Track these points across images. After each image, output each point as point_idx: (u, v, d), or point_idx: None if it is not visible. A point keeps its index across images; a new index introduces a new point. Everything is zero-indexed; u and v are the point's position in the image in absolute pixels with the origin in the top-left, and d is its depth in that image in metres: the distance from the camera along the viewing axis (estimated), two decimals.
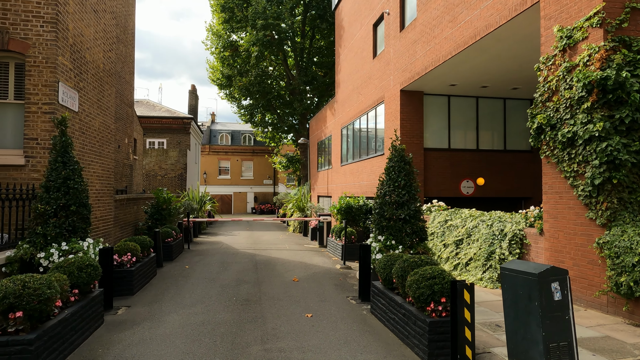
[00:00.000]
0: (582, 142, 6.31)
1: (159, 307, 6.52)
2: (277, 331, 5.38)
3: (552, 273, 4.04)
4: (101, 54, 10.27)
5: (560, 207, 6.94)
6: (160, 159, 25.56)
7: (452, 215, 10.29)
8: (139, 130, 20.65)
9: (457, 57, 10.34)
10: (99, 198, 10.15)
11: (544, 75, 7.21)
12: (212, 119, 46.77)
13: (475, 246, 8.75)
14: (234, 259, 11.42)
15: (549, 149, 7.03)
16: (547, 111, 7.01)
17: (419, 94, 13.69)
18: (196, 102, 32.70)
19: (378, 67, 15.66)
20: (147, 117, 27.07)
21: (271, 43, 28.57)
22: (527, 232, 7.71)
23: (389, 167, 7.70)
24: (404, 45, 13.30)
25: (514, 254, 7.79)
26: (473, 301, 3.94)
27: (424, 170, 13.84)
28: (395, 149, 7.83)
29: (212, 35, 32.12)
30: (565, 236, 6.82)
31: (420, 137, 13.72)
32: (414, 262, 5.35)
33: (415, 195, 7.57)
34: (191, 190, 20.20)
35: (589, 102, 6.20)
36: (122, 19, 16.46)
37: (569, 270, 6.46)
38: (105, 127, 10.55)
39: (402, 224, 7.37)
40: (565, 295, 4.06)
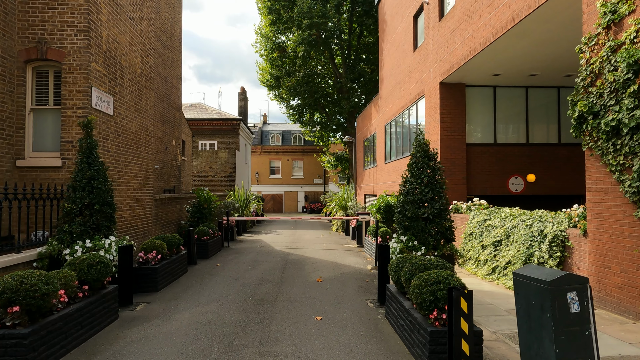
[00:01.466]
0: (628, 131, 5.53)
1: (175, 305, 6.62)
2: (280, 334, 5.22)
3: (568, 281, 3.51)
4: (138, 60, 10.71)
5: (605, 206, 6.14)
6: (211, 159, 26.46)
7: (491, 214, 9.56)
8: (187, 133, 21.48)
9: (497, 43, 9.59)
10: (137, 197, 10.59)
11: (586, 58, 6.43)
12: (264, 120, 47.78)
13: (514, 248, 8.04)
14: (266, 258, 11.44)
15: (592, 140, 6.25)
16: (590, 97, 6.23)
17: (460, 86, 12.93)
18: (245, 103, 33.52)
19: (418, 59, 15.03)
20: (199, 120, 28.15)
21: (317, 42, 28.56)
22: (570, 234, 6.92)
23: (412, 164, 7.25)
24: (442, 35, 12.62)
25: (554, 258, 7.04)
26: (471, 310, 3.51)
27: (467, 166, 13.06)
28: (418, 144, 7.37)
29: (260, 38, 32.77)
30: (611, 238, 6.01)
31: (462, 131, 12.95)
32: (423, 265, 4.94)
33: (441, 193, 7.07)
34: (237, 190, 20.66)
35: (636, 85, 5.40)
36: (168, 26, 17.16)
37: (617, 277, 5.70)
38: (143, 129, 10.99)
39: (426, 224, 6.90)
40: (585, 308, 3.51)
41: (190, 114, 28.96)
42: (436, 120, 13.10)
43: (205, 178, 26.38)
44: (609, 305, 6.06)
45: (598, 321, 5.70)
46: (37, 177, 8.10)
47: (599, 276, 6.26)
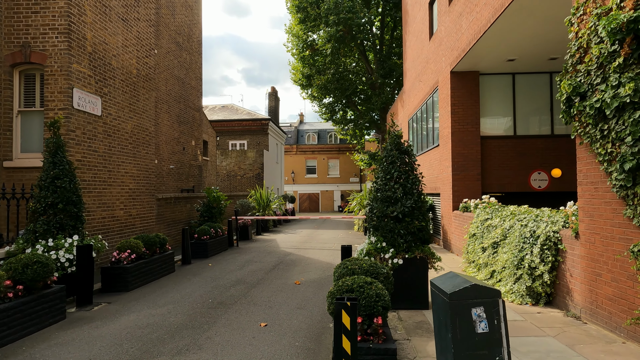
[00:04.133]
0: (612, 113, 4.63)
1: (132, 306, 6.49)
2: (208, 341, 4.88)
3: (472, 294, 2.88)
4: (134, 61, 10.82)
5: (596, 203, 5.23)
6: (239, 159, 26.74)
7: (493, 213, 8.67)
8: (210, 133, 21.77)
9: (500, 23, 8.66)
10: (134, 197, 10.71)
11: (574, 31, 5.53)
12: (301, 120, 47.81)
13: (507, 251, 7.18)
14: (262, 258, 11.18)
15: (581, 126, 5.35)
16: (578, 76, 5.34)
17: (473, 75, 11.94)
18: (276, 103, 33.62)
19: (433, 48, 14.14)
20: (229, 121, 28.56)
21: (345, 38, 28.03)
22: (564, 235, 6.01)
23: (382, 158, 6.63)
24: (452, 20, 11.72)
25: (546, 263, 6.15)
26: (354, 326, 2.96)
27: (482, 161, 12.05)
28: (390, 136, 6.73)
29: (291, 37, 32.72)
30: (602, 241, 5.11)
31: (476, 123, 11.96)
32: (352, 270, 4.39)
33: (414, 190, 6.39)
34: (258, 189, 20.64)
35: (621, 58, 4.51)
36: (185, 28, 17.43)
37: (607, 287, 4.83)
38: (141, 129, 11.10)
39: (394, 224, 6.27)
40: (495, 327, 2.86)
41: (221, 115, 29.49)
42: (447, 112, 12.20)
43: (235, 178, 26.72)
44: (600, 319, 5.15)
45: (582, 338, 4.85)
46: (23, 177, 8.34)
47: (590, 285, 5.35)
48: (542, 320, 5.56)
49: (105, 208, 9.45)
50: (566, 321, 5.51)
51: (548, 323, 5.45)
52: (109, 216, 9.58)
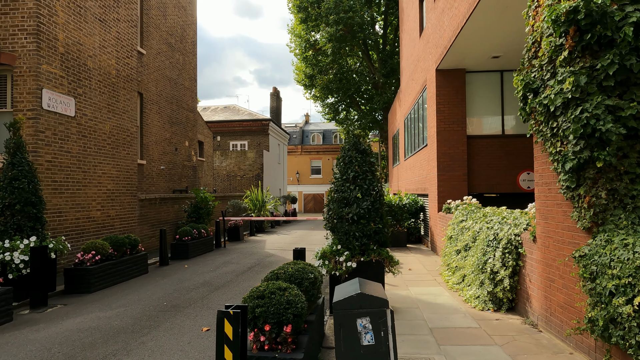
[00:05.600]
0: (559, 110, 4.37)
1: (87, 308, 6.43)
2: (141, 346, 4.76)
3: (357, 304, 2.69)
4: (113, 61, 10.82)
5: (549, 204, 4.96)
6: (239, 160, 26.74)
7: (468, 214, 8.39)
8: (206, 134, 21.78)
9: (476, 17, 8.36)
10: (113, 198, 10.69)
11: (531, 24, 5.25)
12: (306, 120, 47.70)
13: (474, 254, 6.92)
14: (241, 260, 11.07)
15: (536, 123, 5.08)
16: (532, 71, 5.07)
17: (459, 73, 11.64)
18: (278, 104, 33.55)
19: (422, 46, 13.87)
20: (230, 121, 28.60)
21: (345, 37, 27.81)
22: (524, 238, 5.73)
23: (339, 158, 6.43)
24: (436, 16, 11.45)
25: (507, 267, 5.88)
26: (237, 336, 2.79)
27: (468, 161, 11.73)
28: (349, 136, 6.53)
29: (293, 37, 32.64)
30: (554, 245, 4.84)
31: (462, 123, 11.64)
32: (275, 275, 4.22)
33: (372, 191, 6.18)
34: (253, 190, 20.58)
35: (566, 51, 4.25)
36: (178, 29, 17.45)
37: (559, 293, 4.58)
38: (121, 130, 11.09)
39: (350, 226, 6.07)
40: (381, 339, 2.66)
41: (222, 116, 29.56)
42: (433, 110, 11.92)
43: (234, 178, 26.73)
44: (554, 327, 4.87)
45: (530, 348, 4.59)
46: None
47: (545, 291, 5.07)
48: (497, 328, 5.30)
49: (80, 209, 9.44)
50: (522, 329, 5.25)
51: (502, 331, 5.19)
52: (84, 217, 9.57)
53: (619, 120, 3.84)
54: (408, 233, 14.39)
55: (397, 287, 7.84)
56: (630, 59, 3.77)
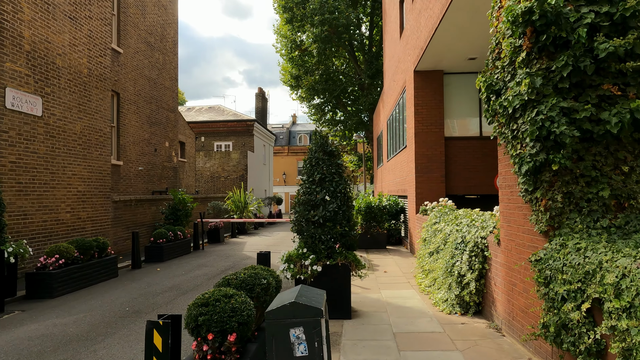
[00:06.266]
0: (518, 112, 4.32)
1: (45, 314, 6.23)
2: (92, 355, 4.60)
3: (291, 313, 2.58)
4: (85, 60, 10.58)
5: (512, 207, 4.91)
6: (223, 161, 26.49)
7: (441, 216, 8.34)
8: (188, 134, 21.52)
9: (449, 19, 8.34)
10: (85, 200, 10.45)
11: (494, 25, 5.21)
12: (293, 121, 47.54)
13: (443, 257, 6.86)
14: (216, 263, 10.90)
15: (499, 125, 5.02)
16: (495, 73, 5.02)
17: (437, 74, 11.62)
18: (264, 104, 33.35)
19: (402, 48, 13.84)
20: (214, 122, 28.34)
21: (330, 38, 27.74)
22: (490, 241, 5.68)
23: (306, 160, 6.32)
24: (414, 17, 11.42)
25: (474, 270, 5.83)
26: (166, 347, 2.66)
27: (446, 163, 11.71)
28: (316, 136, 6.42)
29: (279, 37, 32.48)
30: (516, 248, 4.78)
31: (440, 124, 11.62)
32: (227, 281, 4.09)
33: (338, 194, 6.08)
34: (235, 191, 20.37)
35: (524, 52, 4.19)
36: (158, 28, 17.20)
37: (520, 297, 4.53)
38: (93, 130, 10.85)
39: (316, 229, 5.96)
40: (316, 350, 2.56)
41: (206, 116, 29.28)
42: (412, 112, 11.89)
43: (218, 179, 26.48)
44: (515, 332, 4.82)
45: (490, 353, 4.53)
46: None
47: (508, 295, 5.02)
48: (461, 333, 5.23)
49: (48, 211, 9.19)
50: (486, 333, 5.19)
51: (466, 335, 5.12)
52: (52, 219, 9.32)
53: (574, 123, 3.79)
54: (388, 235, 14.34)
55: (369, 290, 7.75)
56: (584, 61, 3.72)
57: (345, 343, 4.93)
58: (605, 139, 3.80)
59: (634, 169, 3.79)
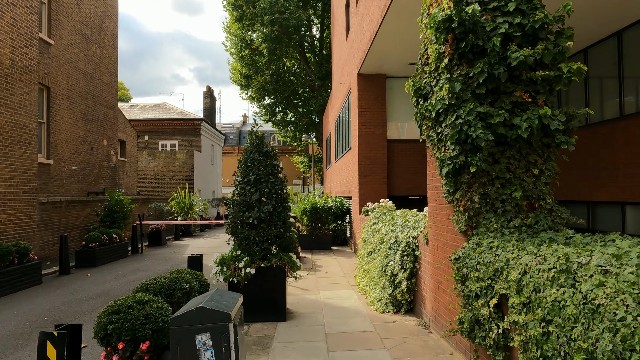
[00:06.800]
0: (441, 115, 4.47)
1: None
2: None
3: (197, 319, 2.48)
4: (7, 50, 9.80)
5: (438, 207, 5.08)
6: (168, 161, 25.58)
7: (380, 217, 8.50)
8: (129, 132, 20.59)
9: (388, 24, 8.52)
10: (5, 201, 9.67)
11: (423, 32, 5.36)
12: (244, 121, 46.86)
13: (378, 257, 6.99)
14: (154, 267, 10.48)
15: (427, 129, 5.18)
16: (423, 78, 5.17)
17: (380, 78, 11.86)
18: (212, 103, 32.61)
19: (348, 50, 14.02)
20: (159, 120, 27.32)
21: (281, 39, 27.61)
22: (420, 241, 5.85)
23: (241, 160, 6.22)
24: (358, 21, 11.60)
25: (406, 269, 5.97)
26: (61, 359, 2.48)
27: (388, 165, 11.98)
28: (252, 137, 6.33)
29: (229, 35, 31.89)
30: (442, 247, 4.95)
31: (383, 127, 11.87)
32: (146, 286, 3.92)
33: (274, 195, 6.02)
34: (180, 192, 19.72)
35: (447, 59, 4.35)
36: (95, 20, 16.30)
37: (445, 295, 4.66)
38: (16, 126, 10.06)
39: (250, 230, 5.86)
40: (223, 355, 2.47)
41: (151, 114, 28.18)
42: (356, 114, 12.06)
43: (163, 180, 25.52)
44: (441, 328, 4.99)
45: (416, 350, 4.65)
46: None
47: (435, 292, 5.19)
48: (391, 331, 5.34)
49: None
50: (414, 331, 5.33)
51: (395, 334, 5.23)
52: None
53: (489, 127, 3.96)
54: (334, 235, 14.46)
55: (308, 291, 7.75)
56: (498, 68, 3.91)
57: (275, 346, 4.87)
58: (518, 143, 4.01)
59: (543, 172, 4.03)
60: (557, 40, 3.97)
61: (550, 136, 3.96)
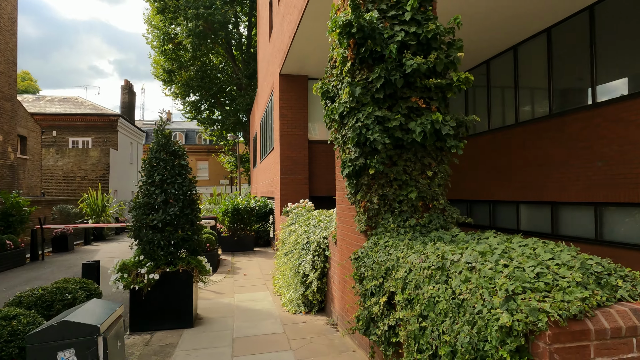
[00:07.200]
0: (345, 118, 4.56)
1: None
2: None
3: (59, 334, 2.26)
4: None
5: (344, 208, 5.19)
6: (80, 159, 23.64)
7: (297, 217, 8.52)
8: (32, 127, 18.73)
9: (305, 26, 8.57)
10: None
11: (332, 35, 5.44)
12: (168, 118, 44.76)
13: (291, 258, 7.00)
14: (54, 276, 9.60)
15: (335, 131, 5.26)
16: (331, 80, 5.24)
17: (302, 79, 11.92)
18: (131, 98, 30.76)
19: (271, 50, 13.92)
20: (70, 115, 25.18)
21: (206, 34, 26.74)
22: (330, 241, 5.94)
23: (145, 160, 5.89)
24: (279, 20, 11.56)
25: (317, 269, 6.03)
26: None
27: (310, 165, 12.08)
28: (157, 135, 6.02)
29: (150, 27, 30.27)
30: (347, 247, 5.06)
31: (305, 128, 11.95)
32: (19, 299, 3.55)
33: (181, 196, 5.77)
34: (91, 193, 18.30)
35: (350, 62, 4.44)
36: None
37: (351, 294, 4.72)
38: None
39: (154, 234, 5.57)
40: None
41: (60, 108, 25.89)
42: (278, 114, 12.00)
43: (73, 180, 23.53)
44: (347, 327, 5.09)
45: (321, 349, 4.70)
46: None
47: (342, 292, 5.30)
48: (300, 331, 5.35)
49: None
50: (322, 330, 5.39)
51: (303, 334, 5.25)
52: None
53: (387, 131, 4.11)
54: (257, 237, 14.29)
55: (223, 295, 7.55)
56: (395, 75, 4.07)
57: (177, 354, 4.66)
58: (414, 146, 4.21)
59: (437, 174, 4.27)
60: (449, 51, 4.22)
61: (443, 140, 4.21)
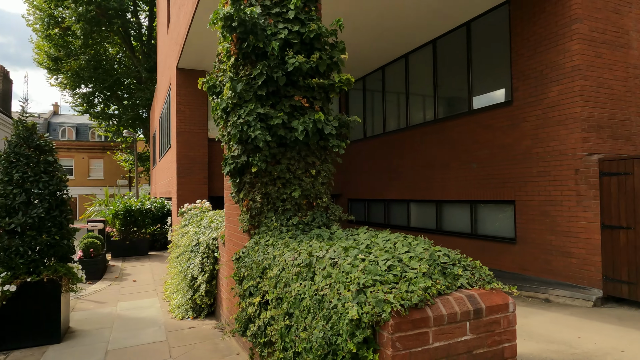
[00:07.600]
0: (229, 115, 4.43)
1: None
2: None
3: None
4: None
5: (231, 208, 5.05)
6: None
7: (191, 218, 8.15)
8: None
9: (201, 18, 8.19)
10: None
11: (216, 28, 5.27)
12: (55, 111, 40.25)
13: (180, 261, 6.67)
14: None
15: (222, 127, 5.09)
16: (218, 76, 5.06)
17: (200, 74, 11.41)
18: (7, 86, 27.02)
19: (169, 42, 13.19)
20: None
21: (99, 21, 24.52)
22: (220, 242, 5.75)
23: (1, 156, 5.17)
24: (176, 11, 11.00)
25: (205, 272, 5.79)
26: None
27: (209, 164, 11.66)
28: (17, 127, 5.31)
29: (32, 8, 26.98)
30: (234, 247, 4.92)
31: (204, 125, 11.49)
32: None
33: (46, 196, 5.15)
34: None
35: (233, 57, 4.32)
36: None
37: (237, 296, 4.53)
38: None
39: (11, 239, 4.90)
40: None
41: None
42: (175, 111, 11.39)
43: None
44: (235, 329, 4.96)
45: (204, 355, 4.49)
46: None
47: (229, 294, 5.13)
48: (184, 338, 5.08)
49: None
50: (209, 335, 5.18)
51: (187, 341, 4.99)
52: None
53: (270, 129, 4.07)
54: (153, 240, 13.43)
55: (104, 304, 6.92)
56: (277, 72, 4.04)
57: None
58: (298, 145, 4.21)
59: (320, 172, 4.33)
60: (332, 52, 4.31)
61: (326, 140, 4.28)
